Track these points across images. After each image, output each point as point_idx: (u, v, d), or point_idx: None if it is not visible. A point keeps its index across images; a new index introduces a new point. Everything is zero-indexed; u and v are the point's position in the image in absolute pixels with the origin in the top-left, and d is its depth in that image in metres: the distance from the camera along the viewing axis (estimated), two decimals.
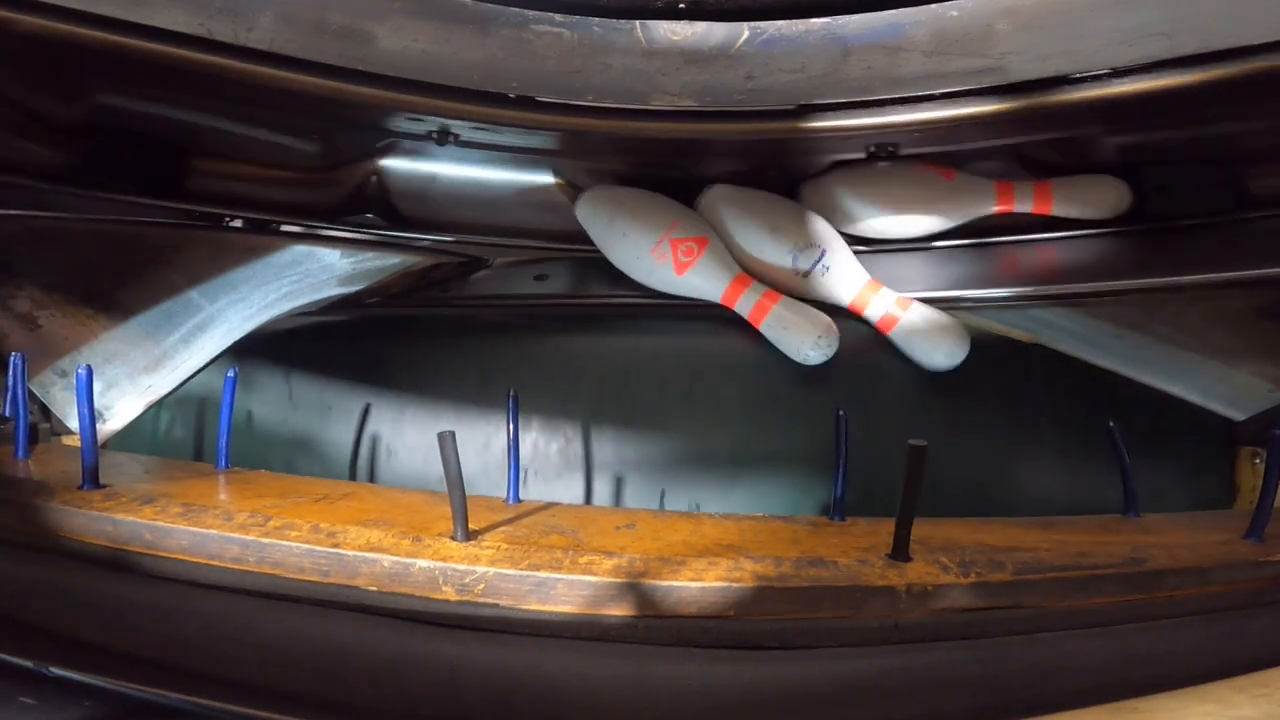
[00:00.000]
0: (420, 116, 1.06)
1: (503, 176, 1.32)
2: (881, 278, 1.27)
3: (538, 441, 1.38)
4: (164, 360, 1.22)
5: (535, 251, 1.30)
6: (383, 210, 1.31)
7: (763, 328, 1.24)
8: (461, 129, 1.10)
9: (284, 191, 1.27)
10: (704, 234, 1.24)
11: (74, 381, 0.93)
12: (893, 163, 1.21)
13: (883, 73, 0.89)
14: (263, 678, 0.70)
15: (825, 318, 1.22)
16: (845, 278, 1.23)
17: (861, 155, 1.19)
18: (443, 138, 1.13)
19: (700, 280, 1.24)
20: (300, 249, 1.24)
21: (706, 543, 0.81)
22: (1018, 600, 0.77)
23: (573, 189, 1.27)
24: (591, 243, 1.29)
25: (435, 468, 0.78)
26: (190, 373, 1.22)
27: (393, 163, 1.28)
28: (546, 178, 1.33)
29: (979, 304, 1.25)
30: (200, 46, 0.85)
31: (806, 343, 1.20)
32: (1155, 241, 1.16)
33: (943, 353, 1.20)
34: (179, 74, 0.88)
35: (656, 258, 1.23)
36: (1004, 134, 1.12)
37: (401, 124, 1.13)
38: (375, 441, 1.41)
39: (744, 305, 1.25)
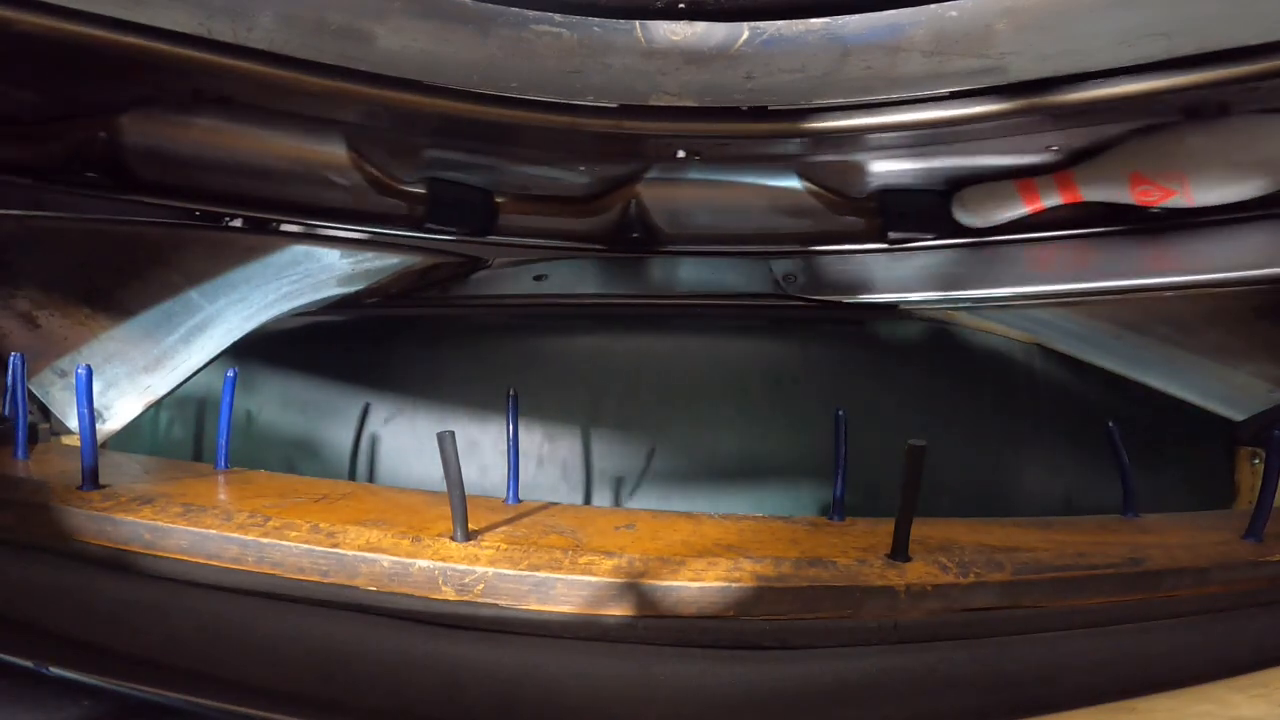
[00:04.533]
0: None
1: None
2: (882, 278, 1.27)
3: (537, 441, 1.39)
4: (163, 360, 1.22)
5: (535, 251, 1.30)
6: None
7: None
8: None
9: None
10: None
11: (73, 381, 0.93)
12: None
13: (883, 73, 0.89)
14: (262, 677, 0.70)
15: None
16: None
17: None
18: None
19: None
20: (300, 249, 1.24)
21: (706, 543, 0.81)
22: (1017, 600, 0.77)
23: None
24: (591, 243, 1.29)
25: (435, 468, 0.78)
26: (190, 373, 1.22)
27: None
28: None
29: (979, 304, 1.25)
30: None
31: None
32: (1155, 241, 1.15)
33: None
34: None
35: None
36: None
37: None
38: (375, 441, 1.42)
39: None
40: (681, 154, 1.12)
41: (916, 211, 1.19)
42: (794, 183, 1.20)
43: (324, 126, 1.15)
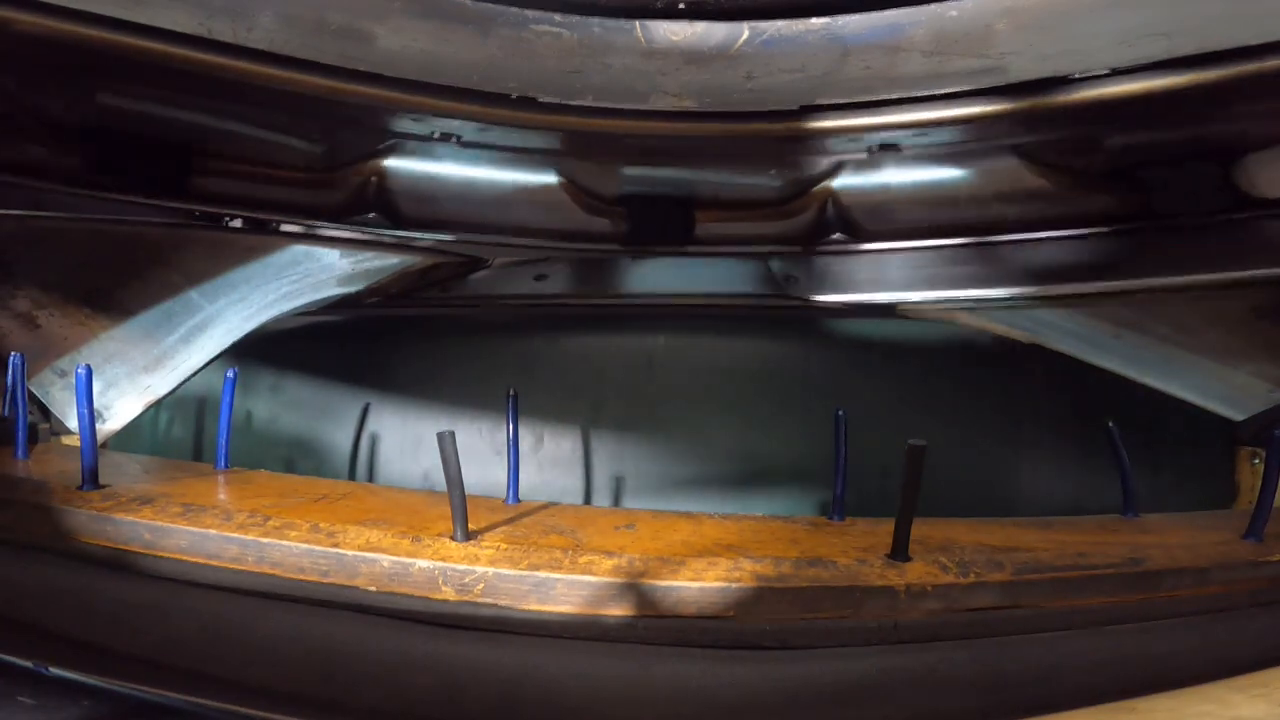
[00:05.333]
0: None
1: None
2: (882, 278, 1.27)
3: (537, 441, 1.39)
4: (163, 360, 1.22)
5: (535, 251, 1.30)
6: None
7: None
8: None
9: None
10: None
11: (73, 381, 0.93)
12: None
13: (883, 73, 0.89)
14: (262, 677, 0.70)
15: None
16: None
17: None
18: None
19: None
20: (300, 249, 1.24)
21: (706, 543, 0.81)
22: (1017, 600, 0.77)
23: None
24: (591, 242, 1.29)
25: (434, 468, 0.78)
26: (190, 373, 1.22)
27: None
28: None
29: (979, 304, 1.25)
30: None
31: None
32: (1155, 241, 1.16)
33: None
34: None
35: None
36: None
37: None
38: (374, 441, 1.42)
39: None
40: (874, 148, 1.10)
41: None
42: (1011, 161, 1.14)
43: (538, 157, 1.18)
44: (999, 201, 1.17)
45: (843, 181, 1.19)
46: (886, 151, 1.10)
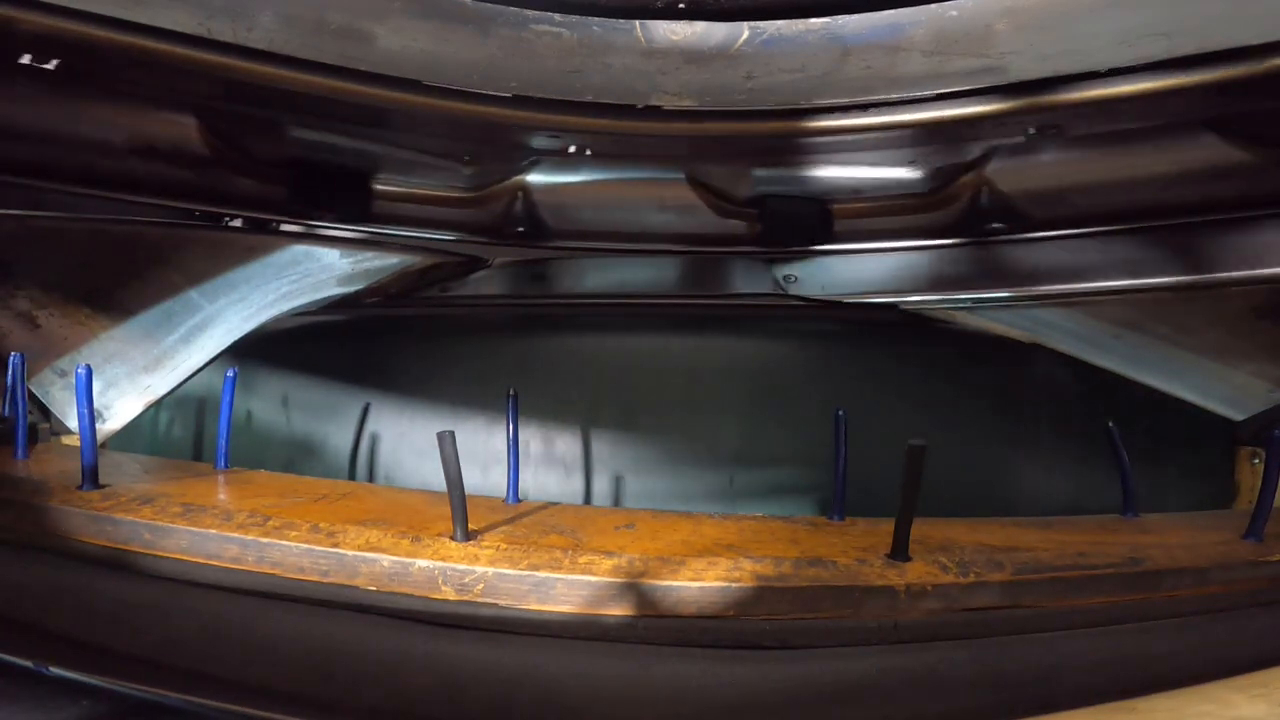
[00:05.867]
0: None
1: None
2: (882, 278, 1.27)
3: (537, 441, 1.39)
4: (163, 360, 1.22)
5: (536, 251, 1.30)
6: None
7: None
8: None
9: None
10: None
11: (73, 381, 0.93)
12: None
13: (883, 73, 0.89)
14: (262, 677, 0.70)
15: None
16: None
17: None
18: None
19: None
20: (300, 249, 1.24)
21: (706, 543, 0.81)
22: (1017, 600, 0.77)
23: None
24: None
25: (434, 468, 0.78)
26: (190, 372, 1.22)
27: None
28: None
29: (979, 304, 1.25)
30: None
31: None
32: (1155, 241, 1.16)
33: None
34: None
35: None
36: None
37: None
38: (375, 441, 1.42)
39: None
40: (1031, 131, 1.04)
41: None
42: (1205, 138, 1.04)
43: (666, 161, 1.18)
44: (1185, 182, 1.11)
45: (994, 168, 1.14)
46: (1045, 134, 1.04)
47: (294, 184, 1.16)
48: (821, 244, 1.25)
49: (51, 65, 0.90)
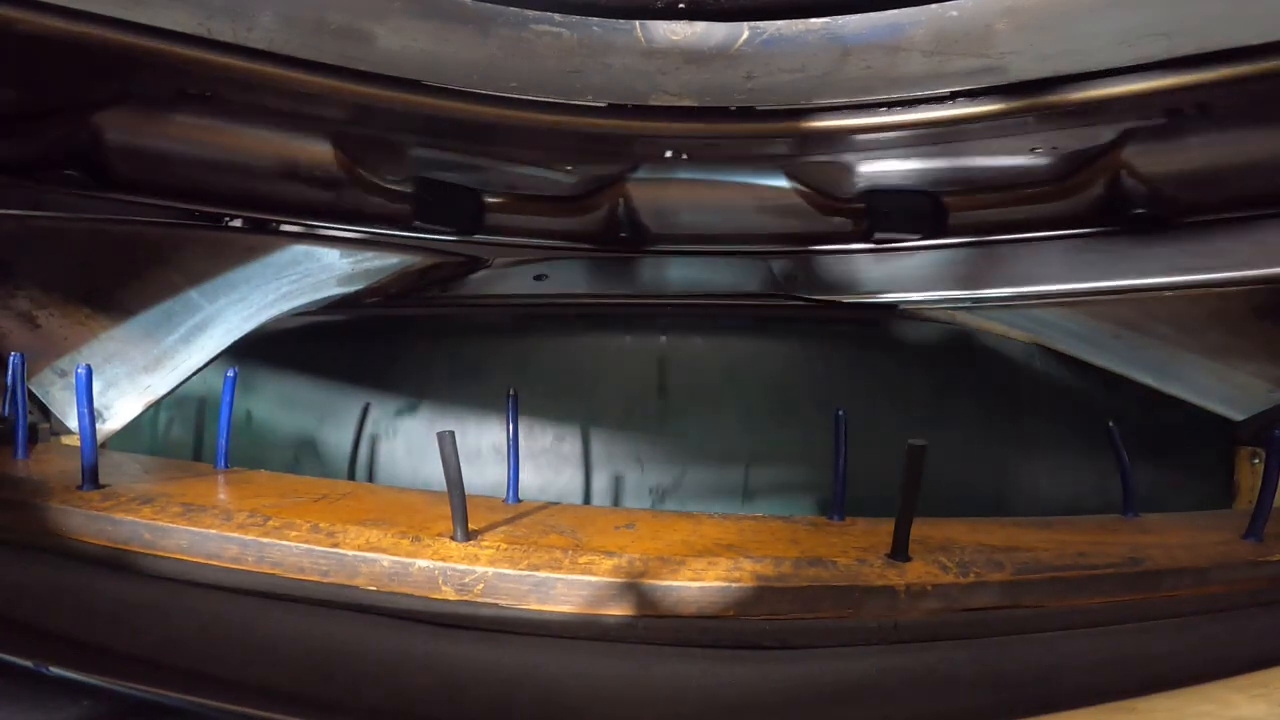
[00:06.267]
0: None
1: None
2: (882, 278, 1.27)
3: (537, 440, 1.39)
4: (163, 360, 1.22)
5: (535, 251, 1.30)
6: None
7: None
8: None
9: None
10: None
11: (73, 381, 0.93)
12: None
13: (883, 73, 0.89)
14: (262, 677, 0.70)
15: None
16: None
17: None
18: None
19: None
20: (300, 249, 1.24)
21: (706, 543, 0.81)
22: (1017, 600, 0.77)
23: None
24: (591, 242, 1.29)
25: (435, 468, 0.78)
26: (190, 372, 1.22)
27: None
28: None
29: (979, 304, 1.25)
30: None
31: None
32: (1155, 241, 1.16)
33: None
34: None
35: None
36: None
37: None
38: (375, 441, 1.42)
39: None
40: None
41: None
42: None
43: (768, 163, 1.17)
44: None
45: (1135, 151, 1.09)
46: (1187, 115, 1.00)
47: (416, 201, 1.20)
48: (935, 237, 1.22)
49: (208, 94, 1.00)
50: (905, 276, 1.27)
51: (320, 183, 1.16)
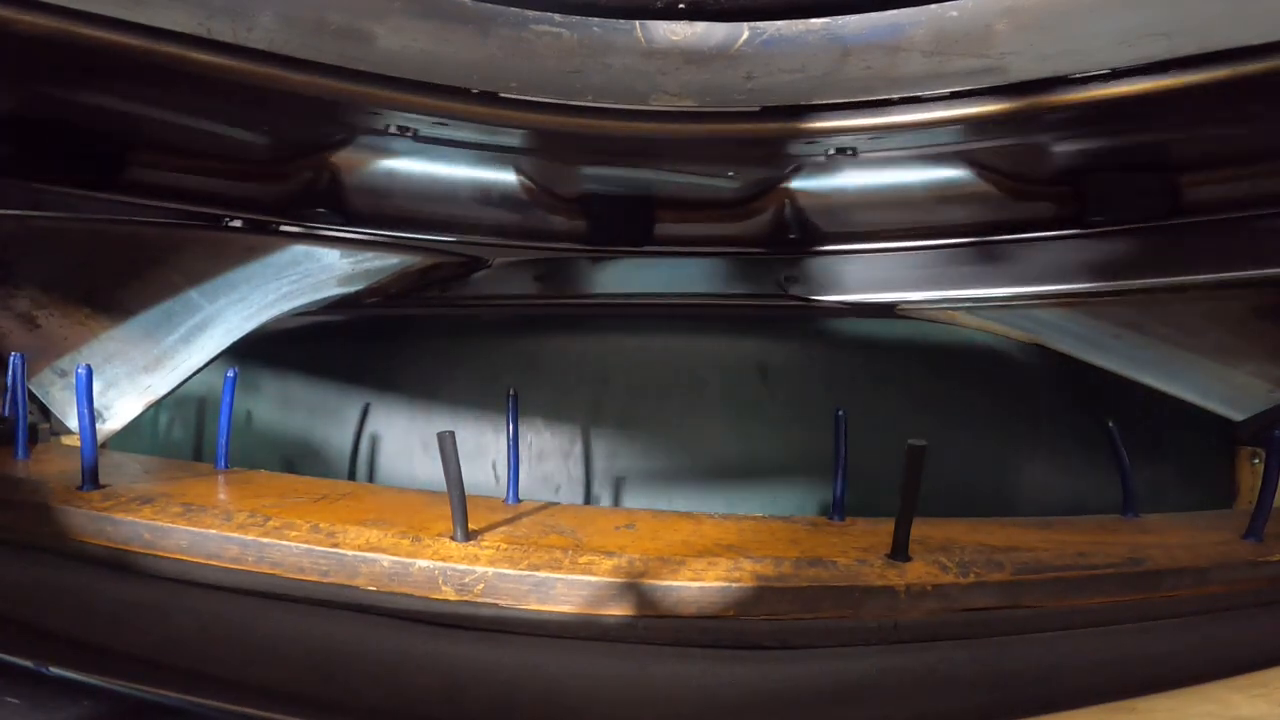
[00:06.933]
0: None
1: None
2: (882, 278, 1.26)
3: (537, 441, 1.39)
4: (163, 360, 1.21)
5: (535, 251, 1.30)
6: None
7: None
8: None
9: None
10: None
11: (73, 381, 0.93)
12: None
13: (883, 73, 0.89)
14: (262, 677, 0.70)
15: None
16: None
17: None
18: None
19: None
20: (300, 249, 1.24)
21: (706, 543, 0.81)
22: (1017, 600, 0.77)
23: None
24: (591, 242, 1.29)
25: (434, 468, 0.78)
26: (190, 372, 1.22)
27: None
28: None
29: (979, 304, 1.25)
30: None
31: None
32: (1155, 241, 1.16)
33: None
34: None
35: None
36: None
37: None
38: (374, 441, 1.42)
39: None
40: None
41: None
42: None
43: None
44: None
45: None
46: None
47: (591, 217, 1.25)
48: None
49: (411, 133, 1.08)
50: (905, 276, 1.27)
51: (510, 205, 1.24)
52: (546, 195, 1.24)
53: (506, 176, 1.22)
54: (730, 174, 1.19)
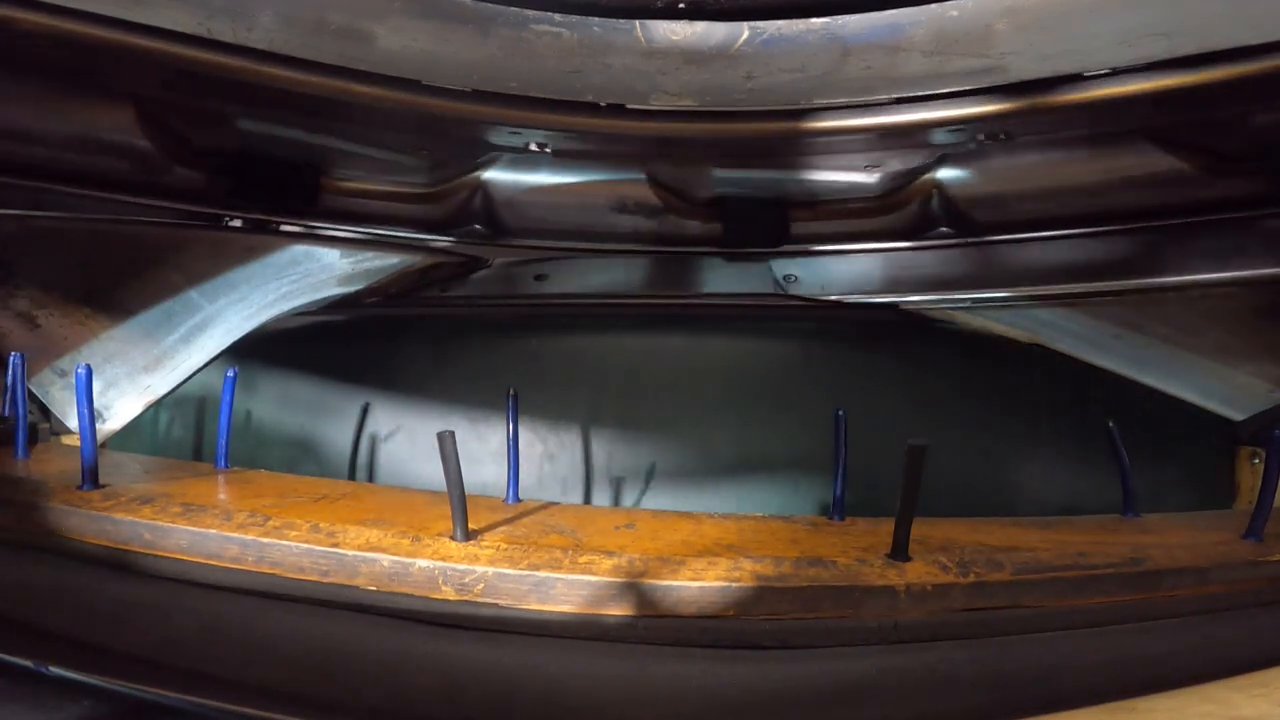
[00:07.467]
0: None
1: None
2: (882, 278, 1.27)
3: (538, 440, 1.39)
4: (163, 360, 1.22)
5: (535, 251, 1.30)
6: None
7: None
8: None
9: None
10: None
11: (73, 381, 0.93)
12: None
13: (883, 73, 0.89)
14: (262, 677, 0.70)
15: None
16: None
17: None
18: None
19: None
20: (300, 249, 1.24)
21: (706, 543, 0.81)
22: (1017, 600, 0.77)
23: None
24: (591, 242, 1.29)
25: (435, 468, 0.78)
26: (190, 372, 1.22)
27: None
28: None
29: (979, 304, 1.25)
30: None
31: None
32: (1155, 241, 1.16)
33: None
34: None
35: None
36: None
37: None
38: (375, 441, 1.42)
39: None
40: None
41: None
42: None
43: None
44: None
45: None
46: None
47: (726, 219, 1.28)
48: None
49: (548, 150, 1.14)
50: (905, 276, 1.27)
51: (644, 212, 1.28)
52: (679, 200, 1.27)
53: (638, 183, 1.25)
54: (870, 167, 1.19)
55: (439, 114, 1.00)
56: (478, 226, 1.29)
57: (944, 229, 1.22)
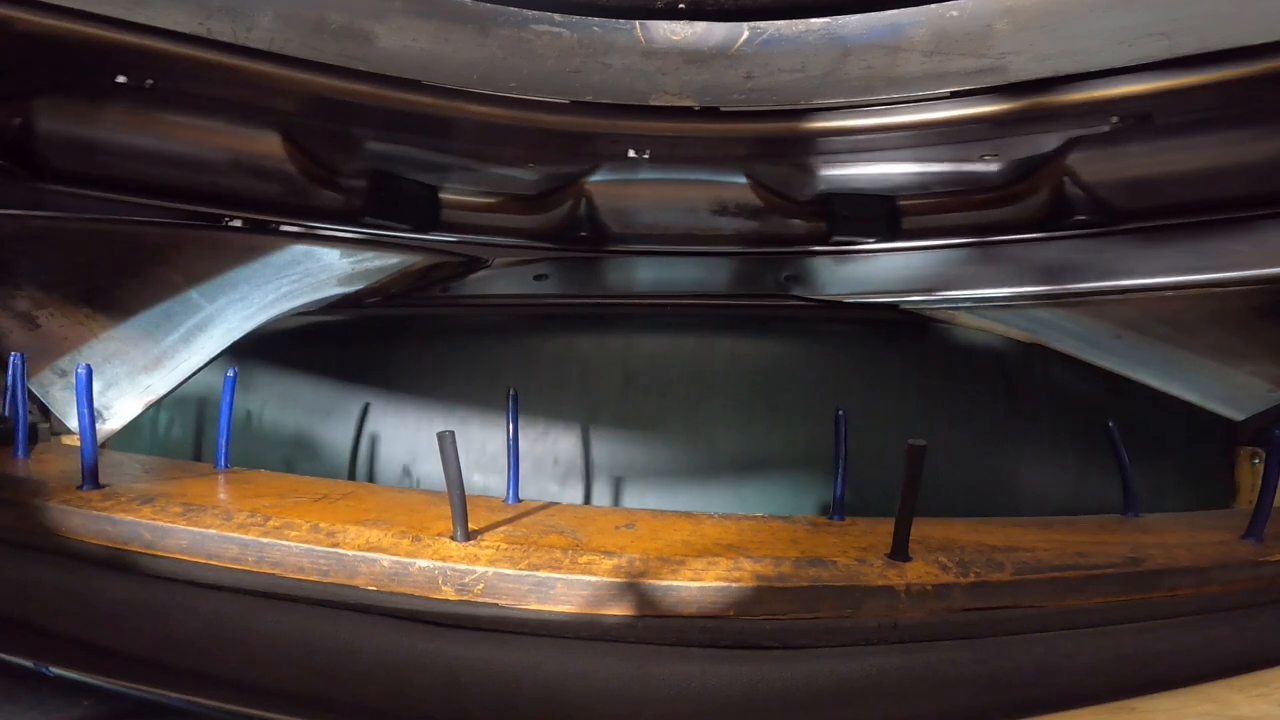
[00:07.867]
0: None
1: None
2: (882, 278, 1.26)
3: (538, 441, 1.39)
4: (163, 360, 1.22)
5: (535, 251, 1.30)
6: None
7: None
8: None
9: None
10: None
11: (73, 381, 0.93)
12: None
13: (883, 73, 0.89)
14: (262, 677, 0.70)
15: None
16: None
17: None
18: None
19: None
20: (300, 249, 1.24)
21: (706, 543, 0.81)
22: (1017, 600, 0.77)
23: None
24: (591, 242, 1.29)
25: (435, 468, 0.78)
26: (190, 372, 1.22)
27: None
28: None
29: (979, 304, 1.25)
30: None
31: None
32: (1155, 241, 1.15)
33: None
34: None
35: None
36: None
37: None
38: (374, 441, 1.42)
39: None
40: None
41: None
42: None
43: None
44: None
45: None
46: None
47: (828, 217, 1.26)
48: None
49: (645, 155, 1.16)
50: (905, 276, 1.27)
51: (745, 213, 1.27)
52: (779, 199, 1.27)
53: (738, 184, 1.25)
54: (985, 155, 1.16)
55: (544, 128, 1.04)
56: (583, 234, 1.29)
57: (1082, 218, 1.15)
